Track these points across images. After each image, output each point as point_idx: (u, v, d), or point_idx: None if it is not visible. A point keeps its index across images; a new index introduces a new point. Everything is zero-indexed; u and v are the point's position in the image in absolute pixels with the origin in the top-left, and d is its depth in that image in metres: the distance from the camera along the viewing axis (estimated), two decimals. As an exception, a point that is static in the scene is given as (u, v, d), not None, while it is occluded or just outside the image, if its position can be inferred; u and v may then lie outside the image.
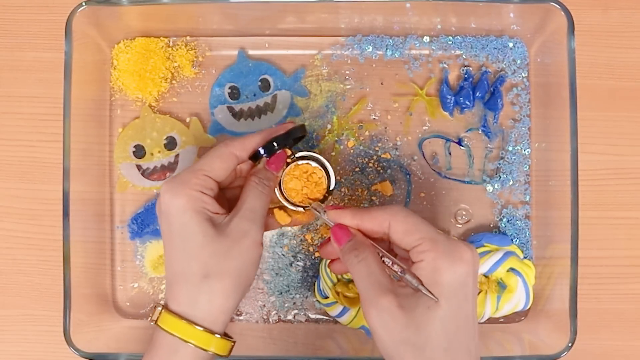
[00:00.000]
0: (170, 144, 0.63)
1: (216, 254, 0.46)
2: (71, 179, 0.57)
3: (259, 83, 0.64)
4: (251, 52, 0.64)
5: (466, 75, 0.63)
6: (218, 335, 0.46)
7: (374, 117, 0.64)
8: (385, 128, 0.63)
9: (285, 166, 0.52)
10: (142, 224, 0.63)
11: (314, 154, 0.53)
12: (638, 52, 0.64)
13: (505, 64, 0.63)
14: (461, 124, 0.64)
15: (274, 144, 0.50)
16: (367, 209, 0.48)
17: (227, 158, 0.49)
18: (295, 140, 0.52)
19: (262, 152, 0.50)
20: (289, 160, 0.53)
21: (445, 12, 0.60)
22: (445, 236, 0.45)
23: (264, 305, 0.63)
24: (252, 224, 0.48)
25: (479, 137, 0.63)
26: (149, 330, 0.48)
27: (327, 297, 0.61)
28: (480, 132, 0.63)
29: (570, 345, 0.56)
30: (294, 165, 0.53)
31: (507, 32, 0.63)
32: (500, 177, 0.63)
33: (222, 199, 0.52)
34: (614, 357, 0.64)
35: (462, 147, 0.63)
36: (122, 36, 0.63)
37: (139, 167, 0.63)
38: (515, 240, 0.62)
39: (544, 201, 0.62)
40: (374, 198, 0.63)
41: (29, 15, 0.65)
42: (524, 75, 0.63)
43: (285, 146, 0.51)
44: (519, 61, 0.63)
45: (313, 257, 0.63)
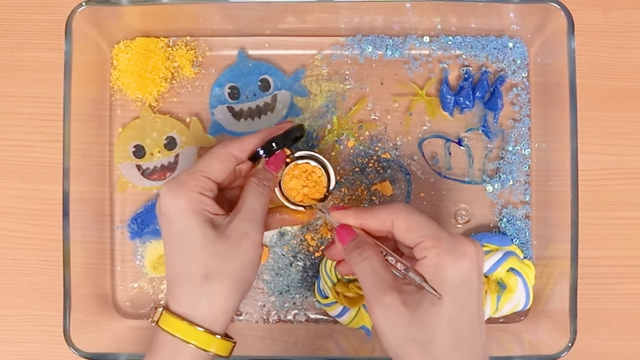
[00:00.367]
0: (170, 144, 0.63)
1: (216, 255, 0.46)
2: (71, 179, 0.57)
3: (259, 83, 0.63)
4: (251, 52, 0.64)
5: (466, 75, 0.63)
6: (219, 336, 0.46)
7: (374, 117, 0.64)
8: (385, 128, 0.63)
9: (284, 166, 0.52)
10: (142, 224, 0.63)
11: (314, 153, 0.53)
12: (638, 52, 0.64)
13: (505, 64, 0.63)
14: (461, 124, 0.64)
15: (273, 144, 0.50)
16: (370, 208, 0.48)
17: (226, 159, 0.49)
18: (294, 140, 0.52)
19: (261, 152, 0.50)
20: (288, 159, 0.53)
21: (445, 12, 0.60)
22: (449, 233, 0.45)
23: (264, 305, 0.63)
24: (252, 225, 0.48)
25: (479, 137, 0.63)
26: (149, 330, 0.48)
27: (327, 297, 0.61)
28: (480, 132, 0.63)
29: (570, 345, 0.56)
30: (294, 165, 0.53)
31: (507, 32, 0.63)
32: (500, 177, 0.63)
33: (222, 200, 0.52)
34: (614, 357, 0.64)
35: (462, 147, 0.63)
36: (122, 36, 0.63)
37: (139, 167, 0.63)
38: (515, 240, 0.62)
39: (544, 201, 0.62)
40: (374, 198, 0.63)
41: (29, 15, 0.65)
42: (524, 75, 0.63)
43: (284, 146, 0.51)
44: (519, 61, 0.63)
45: (313, 257, 0.63)
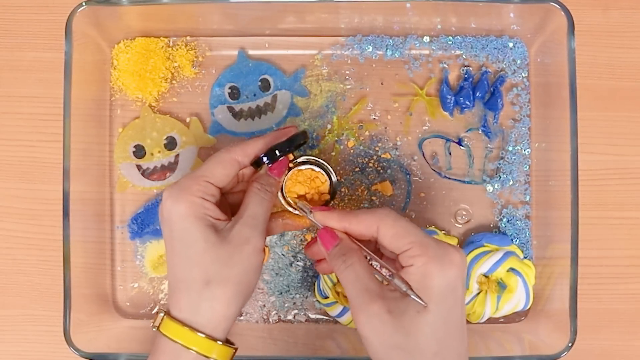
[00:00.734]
0: (170, 144, 0.63)
1: (218, 260, 0.46)
2: (71, 179, 0.57)
3: (259, 83, 0.63)
4: (251, 52, 0.64)
5: (466, 75, 0.63)
6: (220, 342, 0.46)
7: (374, 117, 0.64)
8: (385, 128, 0.63)
9: (287, 171, 0.52)
10: (142, 224, 0.63)
11: (317, 158, 0.53)
12: (638, 52, 0.64)
13: (505, 64, 0.63)
14: (461, 124, 0.64)
15: (276, 151, 0.50)
16: (354, 211, 0.47)
17: (229, 164, 0.49)
18: (297, 146, 0.52)
19: (265, 160, 0.50)
20: (291, 165, 0.52)
21: (445, 12, 0.60)
22: (435, 240, 0.44)
23: (264, 305, 0.63)
24: (254, 231, 0.47)
25: (479, 137, 0.63)
26: (148, 331, 0.48)
27: (327, 297, 0.61)
28: (480, 132, 0.63)
29: (570, 345, 0.56)
30: (297, 171, 0.53)
31: (507, 32, 0.63)
32: (500, 177, 0.63)
33: (225, 205, 0.51)
34: (614, 357, 0.64)
35: (462, 147, 0.63)
36: (122, 36, 0.63)
37: (139, 167, 0.63)
38: (515, 240, 0.62)
39: (544, 201, 0.62)
40: (374, 198, 0.63)
41: (29, 15, 0.65)
42: (524, 75, 0.63)
43: (287, 153, 0.51)
44: (519, 61, 0.63)
45: (313, 257, 0.63)
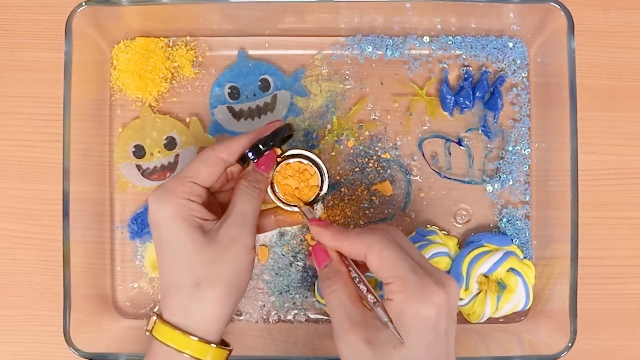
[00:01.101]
0: (170, 144, 0.63)
1: (206, 261, 0.45)
2: (71, 179, 0.57)
3: (259, 83, 0.63)
4: (251, 52, 0.64)
5: (466, 75, 0.63)
6: (213, 345, 0.45)
7: (374, 117, 0.64)
8: (385, 128, 0.63)
9: (275, 166, 0.51)
10: (142, 224, 0.63)
11: (304, 151, 0.52)
12: (638, 52, 0.64)
13: (505, 64, 0.63)
14: (461, 124, 0.64)
15: (260, 146, 0.49)
16: (347, 232, 0.46)
17: (214, 163, 0.48)
18: (283, 140, 0.51)
19: (250, 155, 0.49)
20: (279, 159, 0.51)
21: (445, 12, 0.60)
22: (419, 276, 0.43)
23: (264, 305, 0.63)
24: (243, 229, 0.46)
25: (479, 137, 0.63)
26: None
27: (327, 297, 0.61)
28: (480, 132, 0.63)
29: (570, 345, 0.56)
30: (285, 164, 0.52)
31: (507, 32, 0.63)
32: (500, 177, 0.63)
33: (215, 205, 0.51)
34: (614, 357, 0.64)
35: (462, 147, 0.63)
36: (122, 36, 0.63)
37: (139, 167, 0.63)
38: (515, 240, 0.62)
39: (544, 201, 0.62)
40: (374, 198, 0.63)
41: (29, 15, 0.65)
42: (524, 75, 0.63)
43: (272, 147, 0.50)
44: (519, 61, 0.63)
45: (313, 257, 0.63)
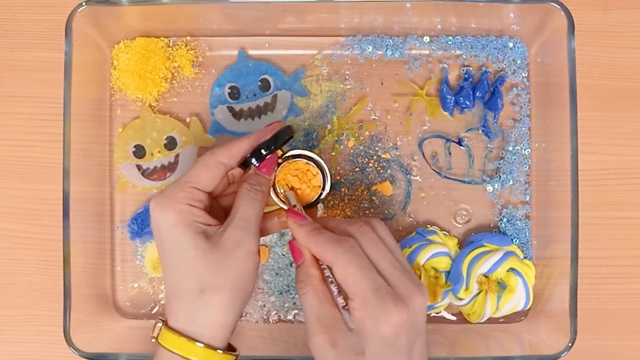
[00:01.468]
0: (170, 144, 0.63)
1: (210, 267, 0.45)
2: (71, 179, 0.57)
3: (259, 83, 0.63)
4: (251, 52, 0.64)
5: (466, 75, 0.63)
6: (220, 351, 0.45)
7: (374, 117, 0.64)
8: (385, 128, 0.63)
9: (277, 167, 0.51)
10: (142, 224, 0.63)
11: (305, 151, 0.52)
12: (638, 52, 0.64)
13: (505, 64, 0.63)
14: (461, 124, 0.64)
15: (262, 150, 0.49)
16: (319, 235, 0.46)
17: (215, 167, 0.47)
18: (284, 142, 0.51)
19: (253, 161, 0.49)
20: (280, 160, 0.51)
21: (445, 12, 0.60)
22: (380, 295, 0.43)
23: (264, 305, 0.63)
24: (246, 233, 0.46)
25: (479, 137, 0.63)
26: (148, 331, 0.48)
27: (327, 297, 0.61)
28: (480, 132, 0.63)
29: (570, 345, 0.56)
30: (287, 165, 0.51)
31: (507, 32, 0.63)
32: (500, 177, 0.63)
33: (217, 208, 0.50)
34: (614, 357, 0.64)
35: (462, 147, 0.63)
36: (122, 36, 0.63)
37: (139, 167, 0.63)
38: (515, 240, 0.62)
39: (544, 201, 0.62)
40: (374, 198, 0.63)
41: (29, 15, 0.65)
42: (524, 75, 0.63)
43: (274, 151, 0.50)
44: (519, 61, 0.63)
45: (313, 257, 0.63)
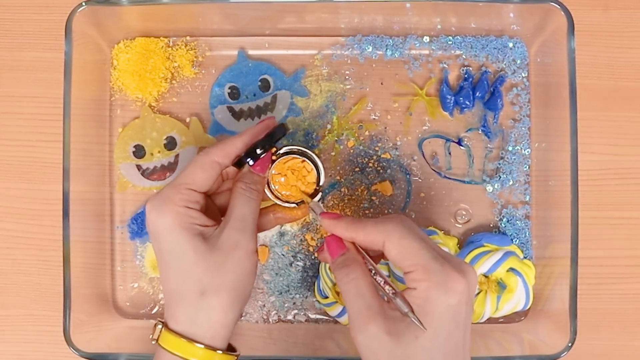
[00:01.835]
0: (170, 144, 0.63)
1: (210, 269, 0.45)
2: (71, 179, 0.57)
3: (259, 83, 0.63)
4: (251, 52, 0.64)
5: (466, 75, 0.63)
6: (220, 352, 0.45)
7: (374, 117, 0.64)
8: (385, 128, 0.63)
9: (271, 164, 0.51)
10: (142, 224, 0.63)
11: (299, 147, 0.52)
12: (638, 52, 0.64)
13: (505, 64, 0.63)
14: (461, 124, 0.64)
15: (257, 150, 0.49)
16: (362, 222, 0.45)
17: (209, 167, 0.47)
18: (278, 139, 0.50)
19: (248, 161, 0.49)
20: (274, 157, 0.51)
21: (445, 12, 0.60)
22: (441, 263, 0.42)
23: (264, 305, 0.63)
24: (243, 234, 0.46)
25: (479, 137, 0.63)
26: (148, 331, 0.48)
27: (327, 297, 0.61)
28: (480, 132, 0.63)
29: (570, 345, 0.56)
30: (281, 162, 0.51)
31: (507, 32, 0.63)
32: (500, 177, 0.63)
33: (212, 207, 0.50)
34: (614, 357, 0.64)
35: (462, 147, 0.63)
36: (122, 36, 0.63)
37: (139, 167, 0.63)
38: (515, 240, 0.62)
39: (544, 201, 0.62)
40: (374, 198, 0.63)
41: (29, 15, 0.65)
42: (524, 75, 0.63)
43: (268, 150, 0.50)
44: (519, 61, 0.63)
45: (313, 257, 0.63)
